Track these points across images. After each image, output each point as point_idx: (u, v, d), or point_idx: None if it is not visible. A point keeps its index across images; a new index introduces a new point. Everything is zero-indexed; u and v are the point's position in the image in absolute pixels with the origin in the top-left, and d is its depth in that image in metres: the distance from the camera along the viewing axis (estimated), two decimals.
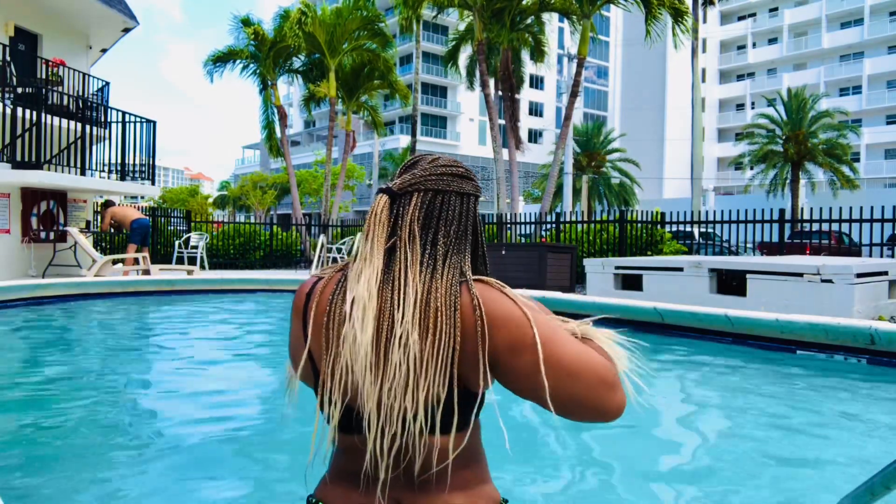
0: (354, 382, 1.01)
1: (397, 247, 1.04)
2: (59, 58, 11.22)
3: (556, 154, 16.54)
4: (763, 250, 14.16)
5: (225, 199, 55.97)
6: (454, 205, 1.07)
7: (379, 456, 0.99)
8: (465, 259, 1.07)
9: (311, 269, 9.54)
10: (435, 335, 0.98)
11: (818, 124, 31.22)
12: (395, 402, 0.98)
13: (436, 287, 1.00)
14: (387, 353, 0.99)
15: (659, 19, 15.00)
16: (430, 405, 0.98)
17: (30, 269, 10.55)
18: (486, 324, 0.98)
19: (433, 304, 0.99)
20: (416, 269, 1.01)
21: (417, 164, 1.10)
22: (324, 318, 1.05)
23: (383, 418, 0.99)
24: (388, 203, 1.06)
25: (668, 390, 4.77)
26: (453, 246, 1.06)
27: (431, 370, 0.97)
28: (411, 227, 1.04)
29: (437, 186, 1.07)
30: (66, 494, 2.64)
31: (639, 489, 2.77)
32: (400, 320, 0.98)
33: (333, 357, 1.02)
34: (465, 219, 1.08)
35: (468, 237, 1.09)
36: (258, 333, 7.34)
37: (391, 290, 1.01)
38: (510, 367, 0.99)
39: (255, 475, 2.89)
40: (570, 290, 10.00)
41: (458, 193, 1.08)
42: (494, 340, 0.98)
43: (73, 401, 4.10)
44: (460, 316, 0.99)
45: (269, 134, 20.99)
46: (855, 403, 4.21)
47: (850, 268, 6.67)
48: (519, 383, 1.00)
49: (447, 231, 1.06)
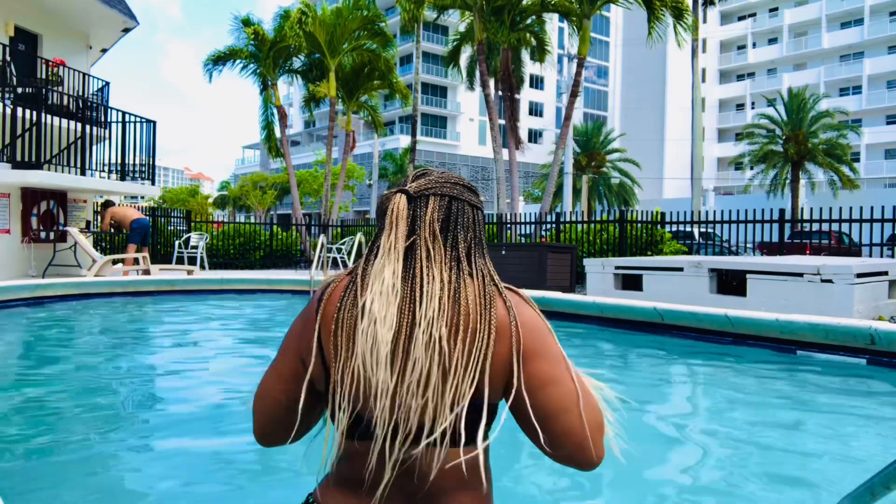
0: (367, 386, 0.97)
1: (417, 245, 1.03)
2: (59, 58, 11.22)
3: (556, 154, 16.53)
4: (763, 250, 14.16)
5: (225, 199, 55.96)
6: (468, 213, 1.09)
7: (387, 457, 0.97)
8: (489, 264, 1.09)
9: (311, 269, 9.54)
10: (467, 333, 0.98)
11: (818, 124, 31.22)
12: (414, 400, 0.96)
13: (465, 286, 1.01)
14: (406, 349, 0.97)
15: (661, 19, 15.00)
16: (452, 409, 0.96)
17: (30, 269, 10.55)
18: (518, 326, 1.01)
19: (464, 302, 0.99)
20: (439, 267, 1.01)
21: (429, 174, 1.11)
22: (332, 325, 1.02)
23: (398, 417, 0.96)
24: (407, 202, 1.06)
25: (667, 390, 4.77)
26: (475, 250, 1.08)
27: (461, 370, 0.96)
28: (432, 227, 1.04)
29: (452, 193, 1.08)
30: (65, 494, 2.64)
31: (639, 489, 2.77)
32: (424, 315, 0.97)
33: (343, 362, 1.00)
34: (479, 228, 1.11)
35: (483, 246, 1.11)
36: (258, 333, 7.33)
37: (412, 286, 1.00)
38: (526, 373, 1.00)
39: (255, 475, 2.89)
40: (570, 290, 9.99)
41: (471, 204, 1.11)
42: (520, 345, 1.01)
43: (72, 401, 4.10)
44: (496, 313, 1.00)
45: (269, 134, 20.99)
46: (855, 403, 4.21)
47: (850, 268, 6.66)
48: (529, 394, 0.99)
49: (465, 236, 1.07)
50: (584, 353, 6.03)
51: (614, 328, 6.65)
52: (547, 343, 1.02)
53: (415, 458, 0.98)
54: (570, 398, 0.99)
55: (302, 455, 1.17)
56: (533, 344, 1.01)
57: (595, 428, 1.00)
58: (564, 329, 6.96)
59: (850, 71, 48.16)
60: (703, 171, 23.09)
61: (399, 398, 0.97)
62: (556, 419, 0.99)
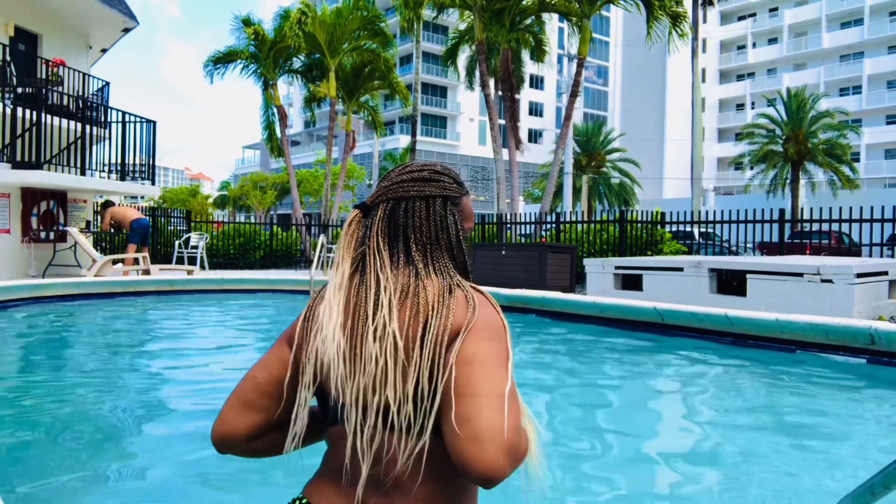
0: (327, 370, 1.02)
1: (366, 254, 1.07)
2: (59, 58, 11.21)
3: (556, 154, 16.53)
4: (763, 250, 14.16)
5: (225, 199, 55.98)
6: (419, 209, 1.08)
7: (360, 453, 0.99)
8: (448, 265, 1.07)
9: (311, 269, 9.53)
10: (426, 329, 0.98)
11: (818, 124, 31.21)
12: (374, 396, 0.98)
13: (423, 286, 1.02)
14: (361, 348, 1.00)
15: (660, 20, 15.01)
16: (417, 398, 0.96)
17: (30, 269, 10.55)
18: (475, 313, 0.98)
19: (422, 300, 1.00)
20: (387, 272, 1.03)
21: (390, 175, 1.13)
22: (303, 324, 1.09)
23: (360, 413, 0.99)
24: (360, 217, 1.11)
25: (667, 390, 4.77)
26: (430, 251, 1.06)
27: (418, 361, 0.97)
28: (376, 238, 1.07)
29: (397, 194, 1.09)
30: (65, 494, 2.64)
31: (638, 489, 2.77)
32: (371, 315, 1.00)
33: (310, 345, 1.05)
34: (433, 223, 1.08)
35: (441, 241, 1.08)
36: (258, 333, 7.34)
37: (363, 291, 1.03)
38: (459, 349, 0.95)
39: (255, 475, 2.89)
40: (570, 290, 10.00)
41: (422, 197, 1.08)
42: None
43: (72, 401, 4.10)
44: (455, 306, 0.99)
45: (270, 134, 20.99)
46: (855, 403, 4.21)
47: (850, 268, 6.66)
48: (450, 369, 0.94)
49: (417, 237, 1.06)
50: (584, 353, 6.03)
51: (614, 328, 6.65)
52: (494, 336, 0.97)
53: (386, 448, 0.99)
54: (484, 386, 0.90)
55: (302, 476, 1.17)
56: (480, 332, 0.97)
57: (510, 435, 0.87)
58: (565, 329, 6.96)
59: (850, 71, 48.16)
60: (703, 171, 23.10)
61: (359, 396, 1.00)
62: (461, 399, 0.90)
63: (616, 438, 3.49)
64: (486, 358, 0.94)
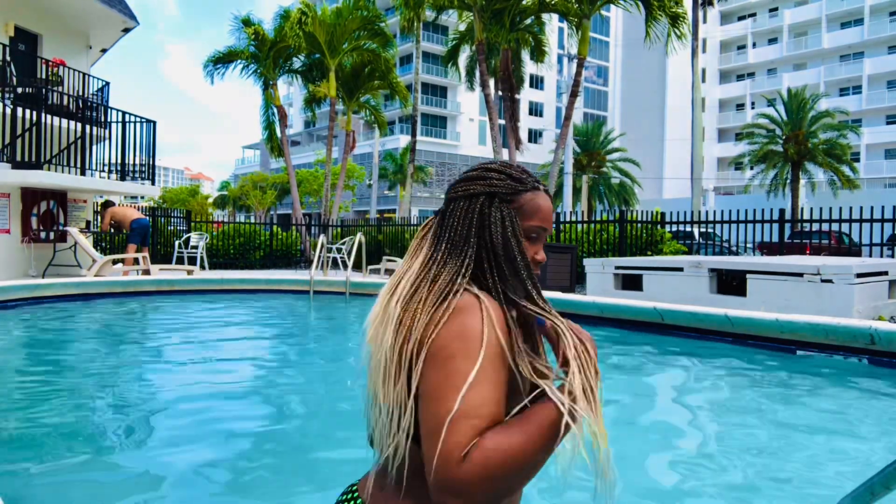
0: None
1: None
2: (59, 58, 11.22)
3: (556, 154, 16.54)
4: (763, 250, 14.15)
5: (225, 199, 55.98)
6: (460, 209, 1.04)
7: (377, 444, 1.03)
8: (463, 263, 1.00)
9: (311, 269, 9.56)
10: (405, 333, 0.95)
11: (818, 124, 31.21)
12: (382, 399, 1.00)
13: (422, 294, 0.98)
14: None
15: (659, 20, 15.02)
16: (399, 403, 0.96)
17: (30, 269, 10.55)
18: (449, 315, 0.93)
19: (413, 306, 0.97)
20: (409, 279, 1.01)
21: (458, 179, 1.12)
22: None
23: (376, 415, 1.02)
24: (433, 222, 1.09)
25: (667, 390, 4.77)
26: (450, 253, 1.02)
27: (394, 367, 0.96)
28: (420, 243, 1.07)
29: (449, 196, 1.08)
30: (65, 495, 2.64)
31: (638, 489, 2.77)
32: (371, 321, 1.03)
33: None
34: (465, 221, 1.03)
35: (469, 239, 1.02)
36: (258, 333, 7.34)
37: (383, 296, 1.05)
38: (421, 379, 0.91)
39: (255, 475, 2.89)
40: (571, 290, 9.99)
41: (466, 197, 1.05)
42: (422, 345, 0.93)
43: (72, 401, 4.10)
44: (434, 315, 0.94)
45: (270, 134, 21.00)
46: (855, 403, 4.21)
47: (850, 268, 6.66)
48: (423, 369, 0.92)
49: (450, 237, 1.03)
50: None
51: (614, 328, 6.65)
52: (447, 357, 0.89)
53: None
54: (426, 423, 0.88)
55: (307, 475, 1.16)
56: (443, 351, 0.90)
57: (437, 472, 0.85)
58: None
59: (850, 71, 48.15)
60: (703, 171, 23.09)
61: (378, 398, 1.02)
62: (423, 441, 0.89)
63: (616, 438, 3.49)
64: (428, 391, 0.90)
